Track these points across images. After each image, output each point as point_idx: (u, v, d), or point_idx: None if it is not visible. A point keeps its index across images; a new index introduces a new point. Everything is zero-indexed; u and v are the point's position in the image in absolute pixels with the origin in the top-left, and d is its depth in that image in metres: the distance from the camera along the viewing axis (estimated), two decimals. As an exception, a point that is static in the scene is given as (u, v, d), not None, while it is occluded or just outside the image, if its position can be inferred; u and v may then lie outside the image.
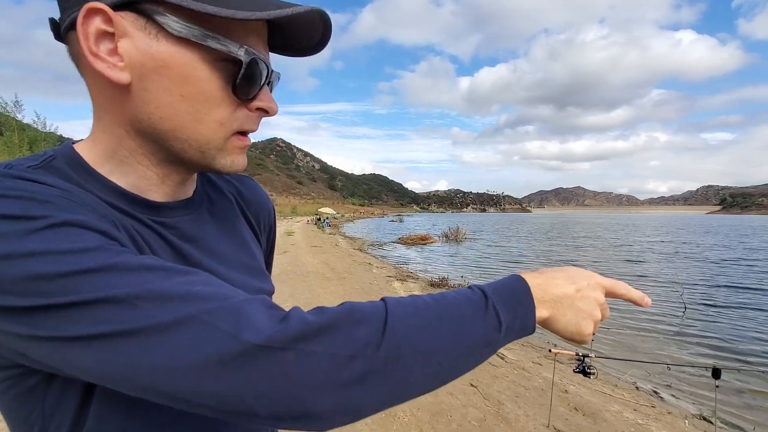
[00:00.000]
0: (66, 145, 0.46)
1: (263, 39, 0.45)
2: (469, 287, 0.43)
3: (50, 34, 0.44)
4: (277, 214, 0.75)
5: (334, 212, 76.04)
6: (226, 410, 0.33)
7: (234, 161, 0.46)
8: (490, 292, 0.42)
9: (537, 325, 0.45)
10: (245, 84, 0.43)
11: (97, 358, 0.32)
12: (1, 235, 0.32)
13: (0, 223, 0.33)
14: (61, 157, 0.43)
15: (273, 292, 0.61)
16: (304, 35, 0.47)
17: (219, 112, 0.43)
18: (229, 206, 0.59)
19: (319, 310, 0.37)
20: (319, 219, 42.94)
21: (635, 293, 0.50)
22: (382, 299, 0.39)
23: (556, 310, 0.45)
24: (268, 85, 0.47)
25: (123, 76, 0.39)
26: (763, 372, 5.23)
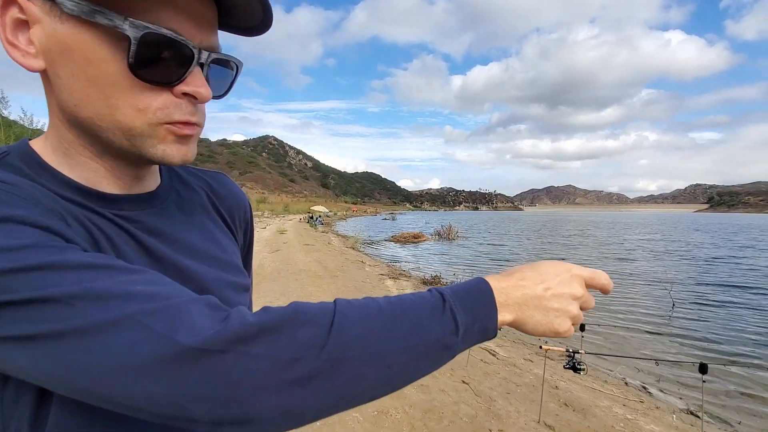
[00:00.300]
0: (21, 141, 0.45)
1: (194, 15, 0.40)
2: (429, 290, 0.42)
3: None
4: (269, 212, 0.74)
5: (327, 210, 75.87)
6: (164, 415, 0.32)
7: (166, 151, 0.42)
8: (449, 295, 0.41)
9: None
10: (146, 63, 0.38)
11: (33, 358, 0.31)
12: None
13: None
14: (15, 153, 0.43)
15: (249, 287, 0.59)
16: (241, 10, 0.44)
17: (132, 97, 0.39)
18: (200, 201, 0.57)
19: (264, 310, 0.36)
20: (312, 217, 42.80)
21: (610, 284, 0.49)
22: (335, 300, 0.39)
23: (522, 312, 0.43)
24: (201, 67, 0.42)
25: (35, 63, 0.39)
26: (748, 367, 5.34)
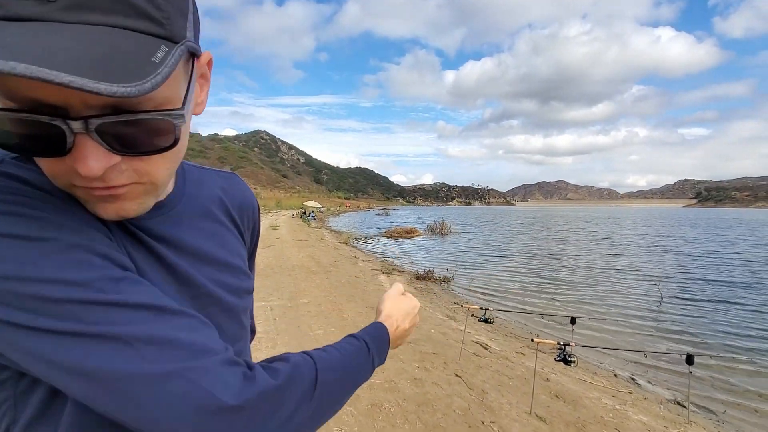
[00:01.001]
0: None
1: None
2: (354, 337, 0.59)
3: None
4: (261, 207, 0.75)
5: (320, 206, 75.56)
6: None
7: (96, 210, 0.41)
8: (370, 342, 0.59)
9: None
10: (14, 142, 0.35)
11: (88, 387, 0.37)
12: (12, 258, 0.35)
13: (8, 242, 0.36)
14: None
15: (252, 290, 0.62)
16: None
17: (40, 162, 0.39)
18: (211, 203, 0.58)
19: (274, 371, 0.45)
20: (305, 213, 42.62)
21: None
22: (310, 356, 0.51)
23: (396, 342, 0.69)
24: (88, 135, 0.35)
25: None
26: (733, 358, 5.47)
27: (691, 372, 3.69)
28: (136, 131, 0.37)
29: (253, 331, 0.77)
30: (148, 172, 0.41)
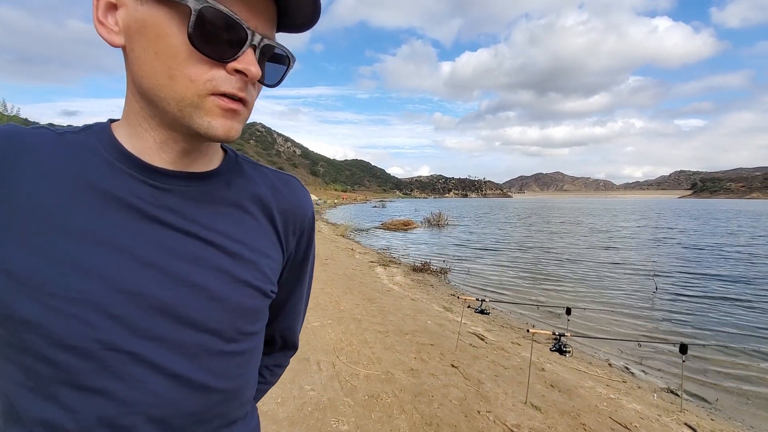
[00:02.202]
0: (109, 119, 0.54)
1: (253, 4, 0.45)
2: None
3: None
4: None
5: (317, 198, 75.41)
6: None
7: (212, 124, 0.45)
8: None
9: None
10: (204, 37, 0.42)
11: None
12: None
13: None
14: (95, 126, 0.51)
15: (267, 293, 0.56)
16: (296, 9, 0.48)
17: (189, 68, 0.43)
18: (249, 196, 0.56)
19: None
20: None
21: None
22: None
23: None
24: (253, 49, 0.45)
25: (117, 39, 0.45)
26: (726, 347, 5.54)
27: (684, 361, 3.74)
28: (274, 66, 0.51)
29: (293, 347, 0.76)
30: (253, 102, 0.49)
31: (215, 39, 0.43)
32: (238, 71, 0.45)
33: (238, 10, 0.43)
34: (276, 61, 0.51)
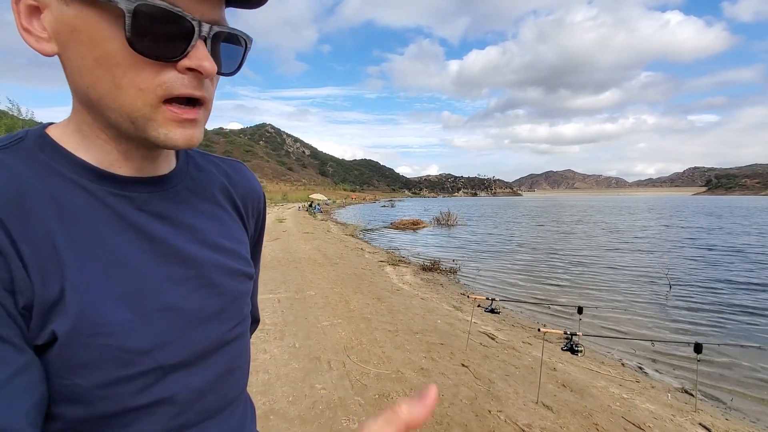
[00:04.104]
0: (40, 125, 0.47)
1: None
2: None
3: None
4: (268, 201, 0.74)
5: (326, 198, 75.72)
6: None
7: (168, 135, 0.42)
8: None
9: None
10: (146, 38, 0.38)
11: None
12: None
13: None
14: (31, 137, 0.45)
15: (252, 275, 0.60)
16: None
17: (135, 76, 0.39)
18: (213, 188, 0.58)
19: None
20: (311, 205, 42.73)
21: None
22: None
23: None
24: (204, 41, 0.41)
25: (48, 48, 0.40)
26: (742, 346, 5.43)
27: (699, 360, 3.68)
28: (230, 49, 0.45)
29: (256, 320, 0.76)
30: (212, 97, 0.46)
31: (158, 38, 0.38)
32: (190, 69, 0.40)
33: (178, 0, 0.39)
34: (231, 42, 0.46)
